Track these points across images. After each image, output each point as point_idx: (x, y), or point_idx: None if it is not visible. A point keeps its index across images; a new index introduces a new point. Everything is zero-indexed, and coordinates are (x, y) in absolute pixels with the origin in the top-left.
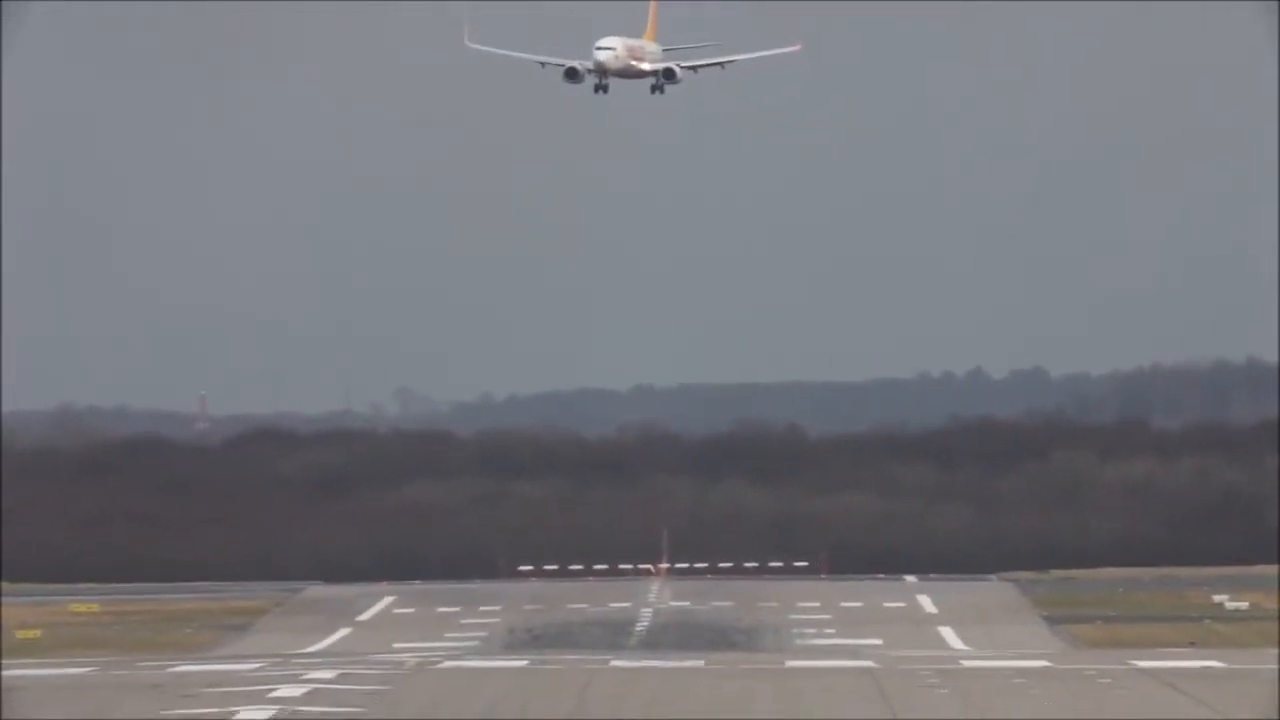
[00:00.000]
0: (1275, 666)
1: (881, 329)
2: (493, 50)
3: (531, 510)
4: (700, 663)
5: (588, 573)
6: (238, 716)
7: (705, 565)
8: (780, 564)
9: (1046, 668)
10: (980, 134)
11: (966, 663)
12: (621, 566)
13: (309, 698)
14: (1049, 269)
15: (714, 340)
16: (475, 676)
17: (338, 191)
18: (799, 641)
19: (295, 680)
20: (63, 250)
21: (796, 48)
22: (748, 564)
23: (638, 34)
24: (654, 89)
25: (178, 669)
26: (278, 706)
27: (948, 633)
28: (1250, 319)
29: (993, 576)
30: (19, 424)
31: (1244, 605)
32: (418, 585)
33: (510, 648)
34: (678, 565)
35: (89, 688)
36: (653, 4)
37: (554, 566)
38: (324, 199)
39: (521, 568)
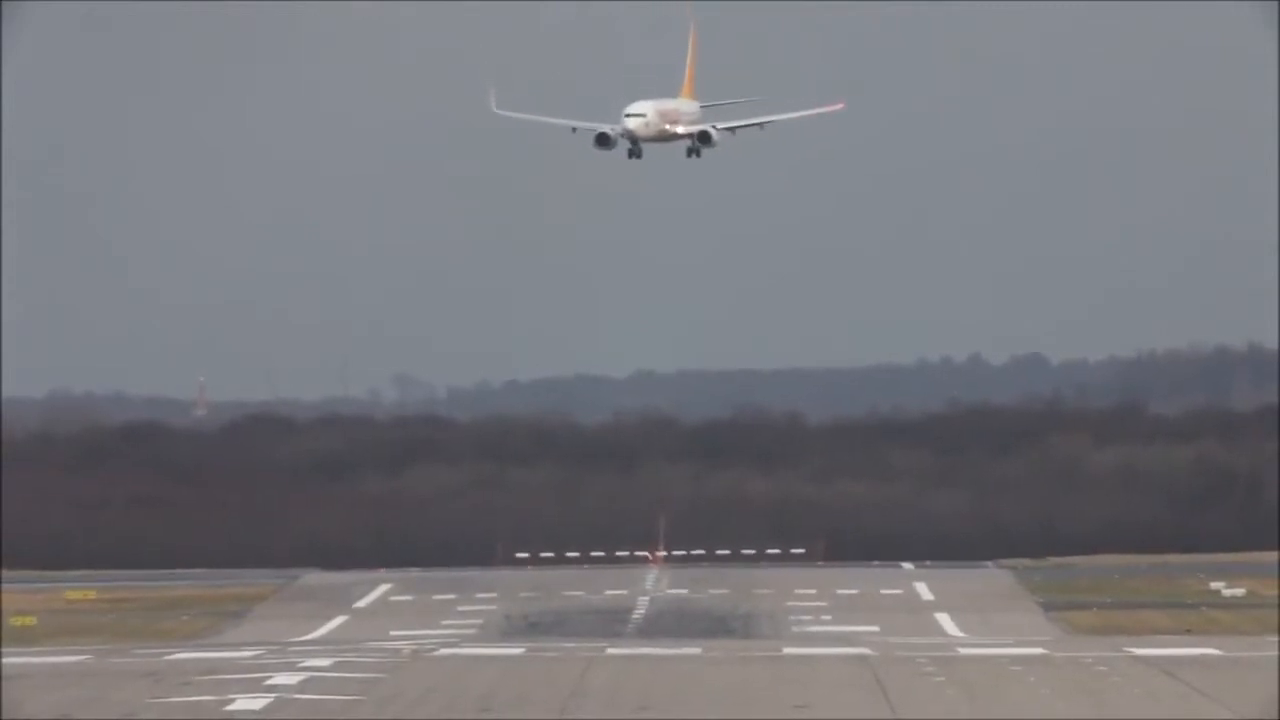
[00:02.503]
0: (1273, 654)
1: (881, 314)
2: (520, 116)
3: (529, 497)
4: (697, 650)
5: (584, 560)
6: (234, 704)
7: (702, 552)
8: (777, 551)
9: (1043, 655)
10: (980, 122)
11: (963, 650)
12: (618, 554)
13: (305, 685)
14: (1049, 256)
15: (714, 326)
16: (472, 664)
17: (334, 177)
18: (796, 629)
19: (291, 668)
20: (59, 236)
21: (839, 105)
22: (745, 551)
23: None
24: (690, 152)
25: (174, 656)
26: (274, 694)
27: (944, 620)
28: (1251, 304)
29: (990, 563)
30: (15, 410)
31: (1241, 592)
32: (414, 572)
33: (507, 635)
34: (675, 553)
35: (84, 675)
36: (690, 57)
37: (551, 554)
38: (321, 185)
39: (518, 555)
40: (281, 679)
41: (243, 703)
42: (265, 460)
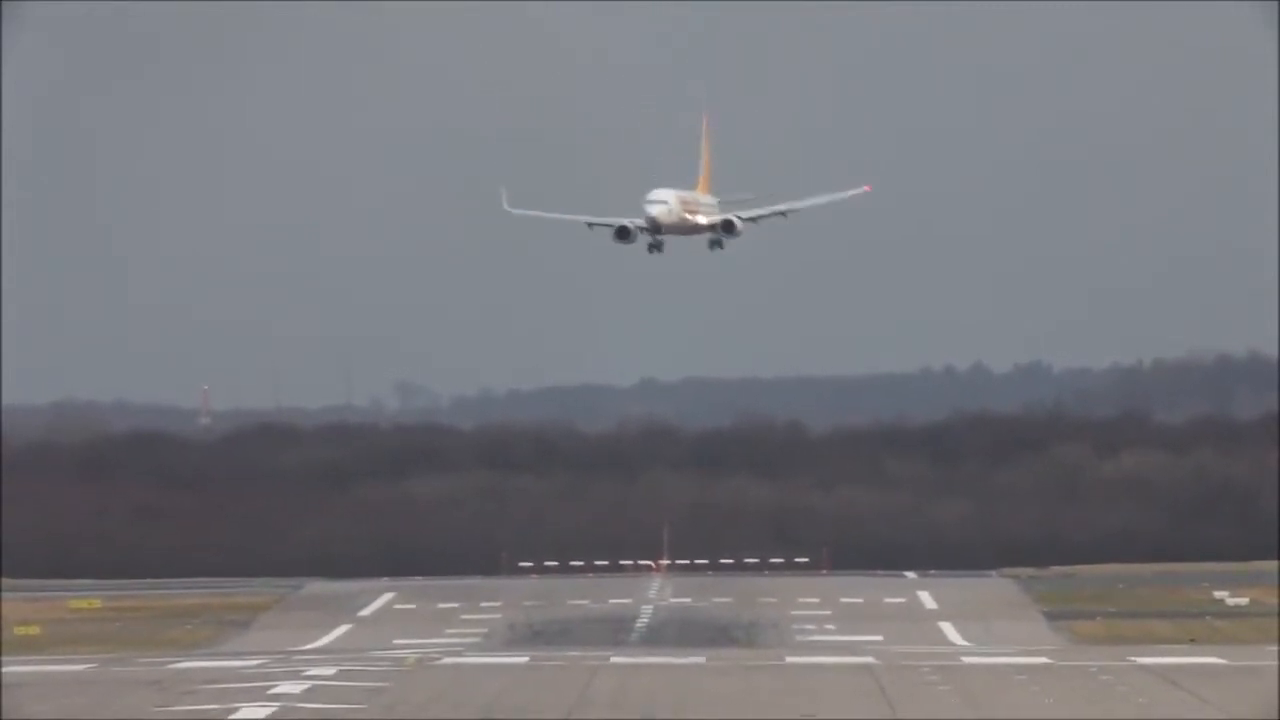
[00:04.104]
0: (1275, 663)
1: (884, 323)
2: (533, 213)
3: (532, 505)
4: (701, 659)
5: (588, 569)
6: (238, 713)
7: (706, 561)
8: (781, 560)
9: (1047, 664)
10: (982, 130)
11: (967, 659)
12: (622, 563)
13: (309, 694)
14: (1051, 263)
15: (717, 334)
16: (476, 673)
17: (339, 186)
18: (799, 638)
19: (295, 677)
20: (63, 245)
21: (865, 189)
22: (748, 560)
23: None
24: (713, 244)
25: (178, 666)
26: (278, 703)
27: (948, 629)
28: (1252, 313)
29: (993, 572)
30: (19, 418)
31: (1244, 601)
32: (418, 581)
33: (511, 644)
34: (678, 561)
35: (89, 684)
36: (704, 152)
37: (555, 563)
38: (325, 194)
39: (522, 564)
40: (285, 688)
41: (247, 711)
42: (269, 469)
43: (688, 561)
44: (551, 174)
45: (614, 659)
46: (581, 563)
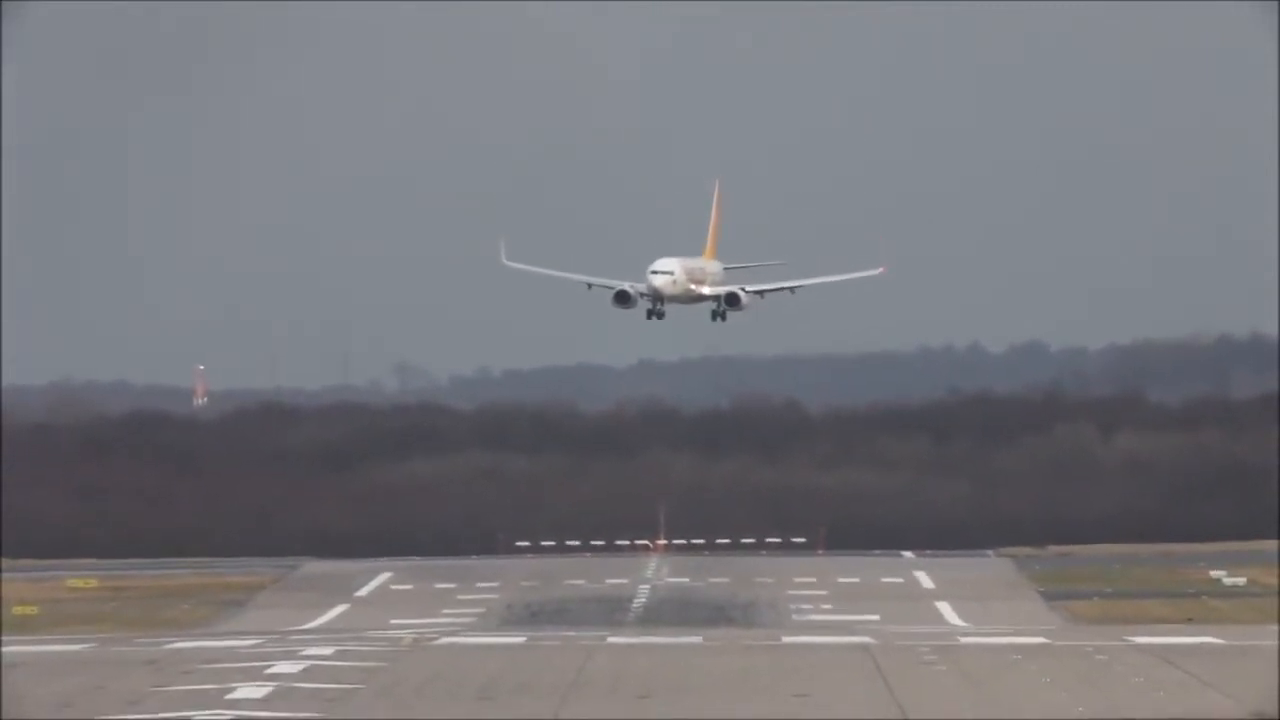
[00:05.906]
0: (1273, 643)
1: (881, 302)
2: (531, 269)
3: (530, 486)
4: (697, 639)
5: (585, 548)
6: (235, 693)
7: (703, 541)
8: (778, 540)
9: (1044, 644)
10: (982, 118)
11: (964, 639)
12: (619, 542)
13: (306, 674)
14: (1049, 242)
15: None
16: (472, 653)
17: (336, 163)
18: (796, 617)
19: (292, 657)
20: (61, 224)
21: (880, 270)
22: (745, 540)
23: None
24: (715, 315)
25: (175, 645)
26: (275, 683)
27: (945, 609)
28: (1253, 293)
29: (990, 552)
30: (17, 399)
31: (1242, 581)
32: (415, 561)
33: (508, 624)
34: (675, 541)
35: (86, 664)
36: (714, 218)
37: (552, 542)
38: (323, 172)
39: (519, 544)
40: (282, 667)
41: (244, 691)
42: (267, 449)
43: (685, 541)
44: (553, 174)
45: (611, 639)
46: (578, 542)
